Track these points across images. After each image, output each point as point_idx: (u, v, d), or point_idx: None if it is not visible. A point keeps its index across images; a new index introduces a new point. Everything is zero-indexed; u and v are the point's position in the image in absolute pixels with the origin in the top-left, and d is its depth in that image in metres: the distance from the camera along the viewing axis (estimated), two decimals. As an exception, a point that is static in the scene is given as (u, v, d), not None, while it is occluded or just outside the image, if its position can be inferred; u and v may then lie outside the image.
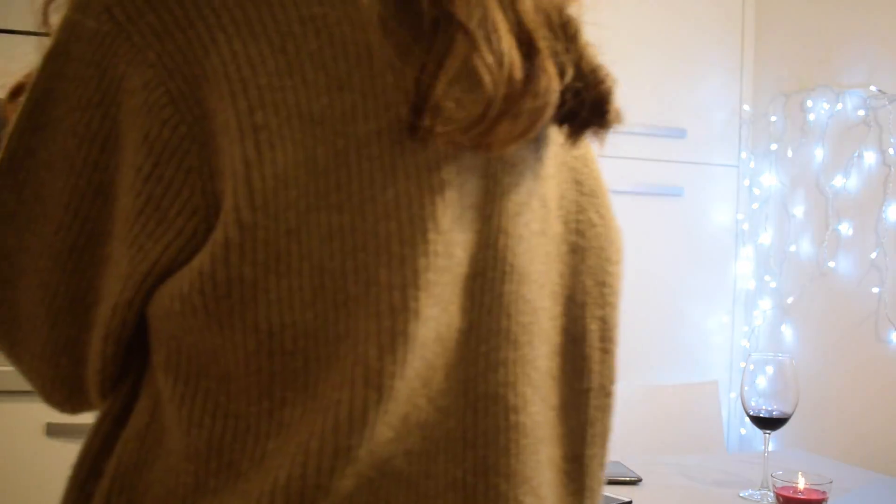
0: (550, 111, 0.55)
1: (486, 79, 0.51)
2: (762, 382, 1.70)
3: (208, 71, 0.50)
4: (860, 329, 2.23)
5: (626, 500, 1.60)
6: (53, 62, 0.54)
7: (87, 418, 1.93)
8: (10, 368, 2.39)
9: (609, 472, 1.78)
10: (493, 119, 0.52)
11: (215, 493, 0.53)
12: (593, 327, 0.64)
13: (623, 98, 2.41)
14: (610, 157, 2.51)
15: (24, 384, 2.44)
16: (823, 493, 1.49)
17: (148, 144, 0.51)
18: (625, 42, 2.51)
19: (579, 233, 0.65)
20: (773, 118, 2.54)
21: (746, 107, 2.63)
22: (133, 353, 0.57)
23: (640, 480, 1.76)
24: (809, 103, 2.41)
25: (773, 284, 2.52)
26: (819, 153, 2.38)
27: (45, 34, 0.60)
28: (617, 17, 2.50)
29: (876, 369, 2.18)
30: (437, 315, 0.53)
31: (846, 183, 2.29)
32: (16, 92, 0.64)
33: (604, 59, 0.69)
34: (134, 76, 0.51)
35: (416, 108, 0.51)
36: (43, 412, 2.08)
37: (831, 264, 2.33)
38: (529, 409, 0.57)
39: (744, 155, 2.63)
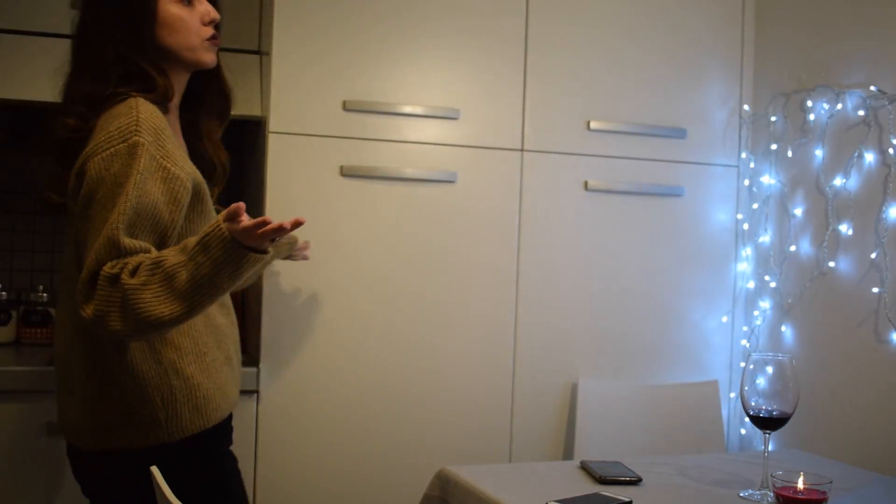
0: None
1: None
2: (762, 382, 1.70)
3: None
4: (860, 329, 2.23)
5: (626, 499, 1.60)
6: None
7: (87, 418, 1.81)
8: (10, 368, 2.39)
9: (609, 472, 1.78)
10: None
11: None
12: None
13: (624, 98, 2.44)
14: (610, 156, 2.52)
15: (24, 384, 2.44)
16: (823, 493, 1.49)
17: None
18: (625, 42, 2.51)
19: None
20: (773, 118, 2.54)
21: (746, 107, 2.63)
22: None
23: (640, 480, 1.76)
24: (809, 103, 2.41)
25: (773, 284, 2.52)
26: (819, 153, 2.38)
27: (45, 34, 0.84)
28: (617, 17, 2.50)
29: (876, 369, 2.18)
30: None
31: (846, 183, 2.29)
32: None
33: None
34: None
35: None
36: (43, 412, 2.08)
37: (831, 264, 2.33)
38: None
39: (744, 155, 2.63)
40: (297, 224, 1.39)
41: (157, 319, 1.37)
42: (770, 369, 1.69)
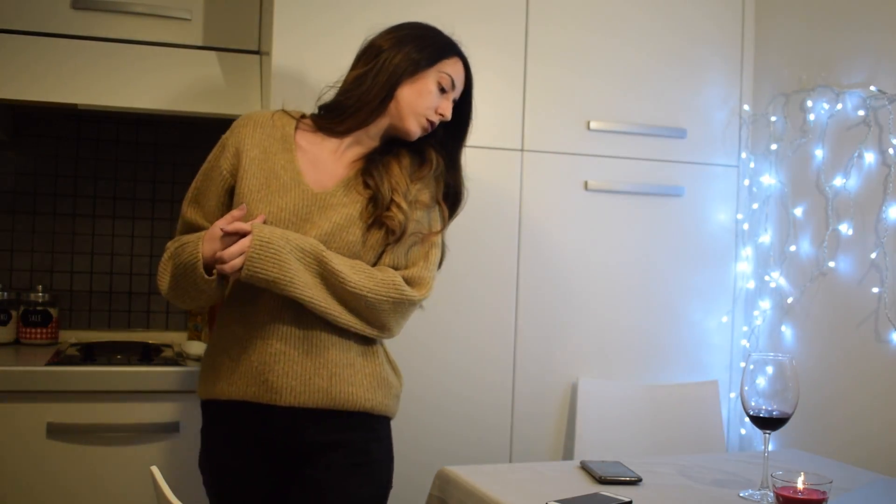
0: None
1: None
2: (762, 382, 1.70)
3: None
4: (860, 329, 2.23)
5: (626, 499, 1.60)
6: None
7: (87, 420, 1.93)
8: (10, 368, 2.38)
9: (609, 472, 1.78)
10: None
11: None
12: None
13: (624, 98, 2.43)
14: (610, 156, 2.51)
15: (24, 384, 2.43)
16: (823, 493, 1.49)
17: None
18: (625, 42, 2.51)
19: None
20: (773, 118, 2.54)
21: (746, 107, 2.63)
22: None
23: (640, 480, 1.76)
24: (809, 103, 2.41)
25: (773, 284, 2.52)
26: (819, 153, 2.38)
27: (45, 34, 0.78)
28: (618, 17, 2.50)
29: (876, 369, 2.18)
30: None
31: (846, 183, 2.29)
32: None
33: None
34: None
35: None
36: (43, 412, 2.08)
37: (831, 264, 2.33)
38: None
39: (744, 155, 2.63)
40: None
41: None
42: (770, 369, 1.69)
